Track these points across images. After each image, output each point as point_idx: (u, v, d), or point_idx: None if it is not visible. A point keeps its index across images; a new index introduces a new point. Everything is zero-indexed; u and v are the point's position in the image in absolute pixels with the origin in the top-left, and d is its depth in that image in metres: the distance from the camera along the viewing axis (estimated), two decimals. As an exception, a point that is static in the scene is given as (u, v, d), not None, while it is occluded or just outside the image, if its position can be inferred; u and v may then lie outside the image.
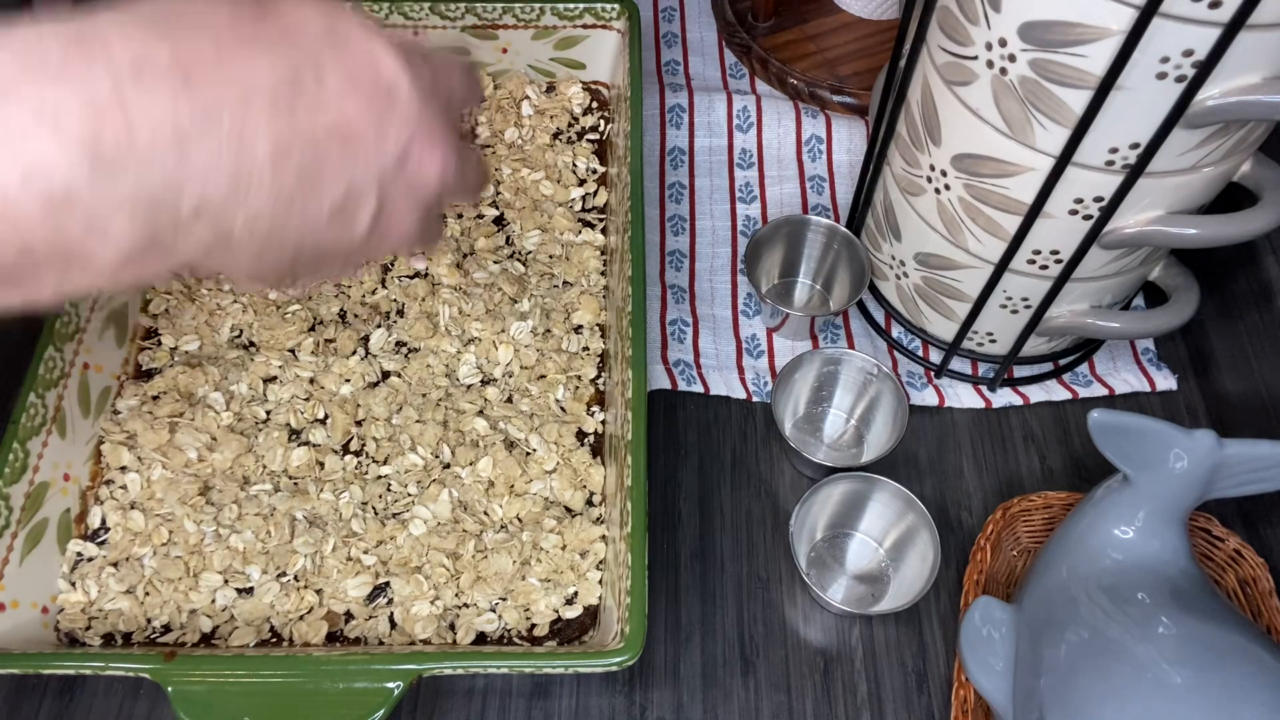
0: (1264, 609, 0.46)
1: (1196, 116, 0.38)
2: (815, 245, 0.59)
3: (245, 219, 0.30)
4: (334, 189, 0.32)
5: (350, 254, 0.35)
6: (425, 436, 0.50)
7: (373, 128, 0.32)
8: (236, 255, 0.32)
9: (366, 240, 0.35)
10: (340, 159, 0.32)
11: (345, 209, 0.33)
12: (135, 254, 0.29)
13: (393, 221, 0.35)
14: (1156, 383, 0.57)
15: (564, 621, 0.47)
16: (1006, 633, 0.43)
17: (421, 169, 0.34)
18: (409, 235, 0.36)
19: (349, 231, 0.34)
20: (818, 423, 0.57)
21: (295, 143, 0.30)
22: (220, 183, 0.29)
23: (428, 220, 0.37)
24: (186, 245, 0.30)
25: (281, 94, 0.30)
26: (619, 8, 0.61)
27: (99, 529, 0.48)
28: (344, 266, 0.37)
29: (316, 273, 0.36)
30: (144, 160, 0.28)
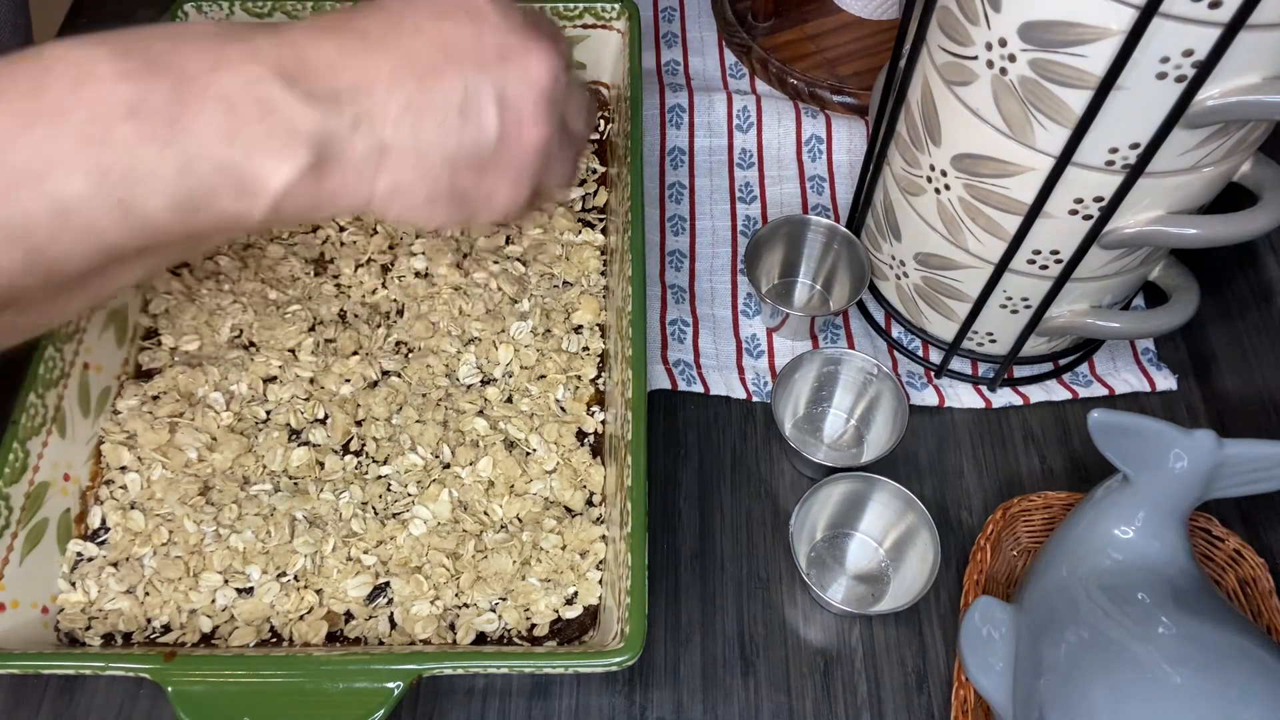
0: (1264, 609, 0.46)
1: (1196, 116, 0.38)
2: (815, 245, 0.59)
3: (392, 125, 0.36)
4: (453, 89, 0.37)
5: (501, 163, 0.39)
6: (425, 436, 0.50)
7: (469, 39, 0.38)
8: (399, 172, 0.37)
9: (505, 138, 0.39)
10: (449, 65, 0.37)
11: (468, 106, 0.37)
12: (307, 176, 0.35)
13: (522, 121, 0.39)
14: (1156, 383, 0.57)
15: (564, 621, 0.47)
16: (1006, 633, 0.43)
17: (527, 64, 0.38)
18: (543, 140, 0.39)
19: (482, 131, 0.38)
20: (818, 423, 0.57)
21: (410, 63, 0.36)
22: (363, 99, 0.35)
23: (562, 144, 0.42)
24: (354, 159, 0.36)
25: (390, 31, 0.37)
26: (619, 8, 0.61)
27: (99, 529, 0.48)
28: (511, 188, 0.40)
29: (489, 199, 0.40)
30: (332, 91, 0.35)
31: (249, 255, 0.57)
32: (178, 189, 0.33)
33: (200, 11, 0.60)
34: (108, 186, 0.32)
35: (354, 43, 0.36)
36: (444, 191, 0.39)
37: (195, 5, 0.60)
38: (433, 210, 0.39)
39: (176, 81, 0.32)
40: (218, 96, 0.33)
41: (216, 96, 0.33)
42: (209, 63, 0.33)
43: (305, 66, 0.35)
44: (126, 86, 0.32)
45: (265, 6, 0.60)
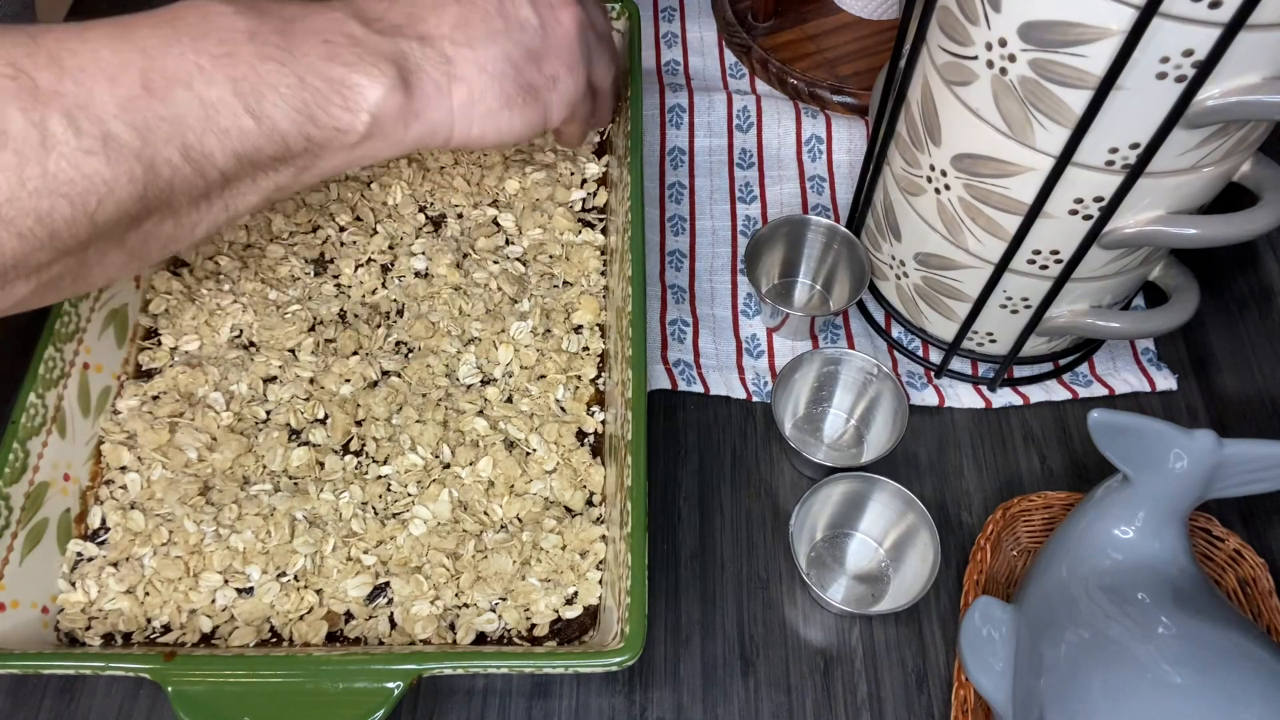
0: (1264, 609, 0.46)
1: (1196, 116, 0.38)
2: (815, 245, 0.59)
3: (449, 41, 0.42)
4: (488, 1, 0.43)
5: (552, 48, 0.45)
6: (425, 436, 0.50)
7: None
8: (469, 80, 0.43)
9: (547, 25, 0.45)
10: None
11: (504, 7, 0.44)
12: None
13: (554, 6, 0.45)
14: (1156, 383, 0.57)
15: (564, 621, 0.47)
16: (1006, 633, 0.43)
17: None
18: (577, 19, 0.46)
19: (525, 23, 0.44)
20: (818, 423, 0.57)
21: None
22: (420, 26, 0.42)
23: (596, 38, 0.48)
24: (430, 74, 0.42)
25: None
26: (619, 8, 0.61)
27: (99, 529, 0.48)
28: (569, 71, 0.46)
29: (555, 85, 0.46)
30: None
31: (249, 255, 0.57)
32: (295, 99, 0.39)
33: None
34: (241, 93, 0.38)
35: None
36: (513, 89, 0.44)
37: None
38: (510, 113, 0.45)
39: (280, 20, 0.39)
40: (314, 31, 0.40)
41: (313, 31, 0.40)
42: (300, 11, 0.40)
43: (368, 14, 0.42)
44: (243, 20, 0.38)
45: (265, 6, 0.60)
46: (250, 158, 0.39)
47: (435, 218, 0.59)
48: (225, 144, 0.38)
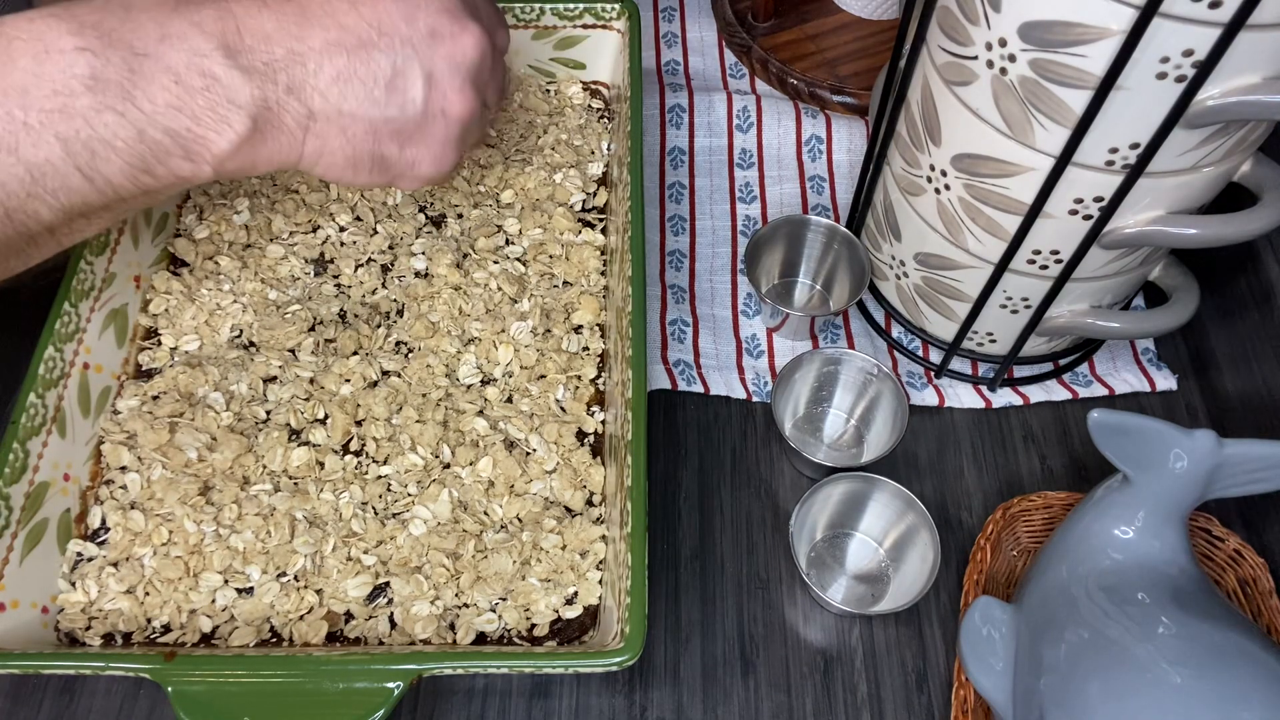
0: (1264, 609, 0.46)
1: (1196, 116, 0.38)
2: (815, 245, 0.59)
3: (321, 95, 0.40)
4: (382, 63, 0.41)
5: (425, 135, 0.43)
6: (425, 436, 0.50)
7: (403, 16, 0.41)
8: (325, 137, 0.41)
9: (430, 113, 0.42)
10: (380, 40, 0.41)
11: (396, 80, 0.41)
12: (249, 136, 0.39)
13: (447, 93, 0.42)
14: (1156, 383, 0.57)
15: (564, 621, 0.47)
16: (1006, 633, 0.43)
17: (457, 44, 0.42)
18: (469, 111, 0.43)
19: (408, 104, 0.42)
20: (818, 423, 0.57)
21: (343, 37, 0.40)
22: (296, 70, 0.39)
23: (481, 110, 0.45)
24: (287, 125, 0.40)
25: (327, 4, 0.40)
26: (619, 8, 0.61)
27: (99, 529, 0.48)
28: (434, 158, 0.44)
29: (412, 167, 0.44)
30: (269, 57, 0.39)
31: (249, 255, 0.57)
32: (134, 154, 0.36)
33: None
34: (72, 152, 0.35)
35: (291, 15, 0.40)
36: (365, 157, 0.42)
37: (195, 5, 0.60)
38: (354, 173, 0.43)
39: (130, 53, 0.36)
40: (167, 69, 0.36)
41: (166, 69, 0.36)
42: (157, 35, 0.37)
43: (243, 39, 0.38)
44: (84, 60, 0.35)
45: None
46: (80, 209, 0.37)
47: (435, 218, 0.59)
48: (52, 203, 0.36)
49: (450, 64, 0.42)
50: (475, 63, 0.43)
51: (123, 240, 0.53)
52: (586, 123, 0.63)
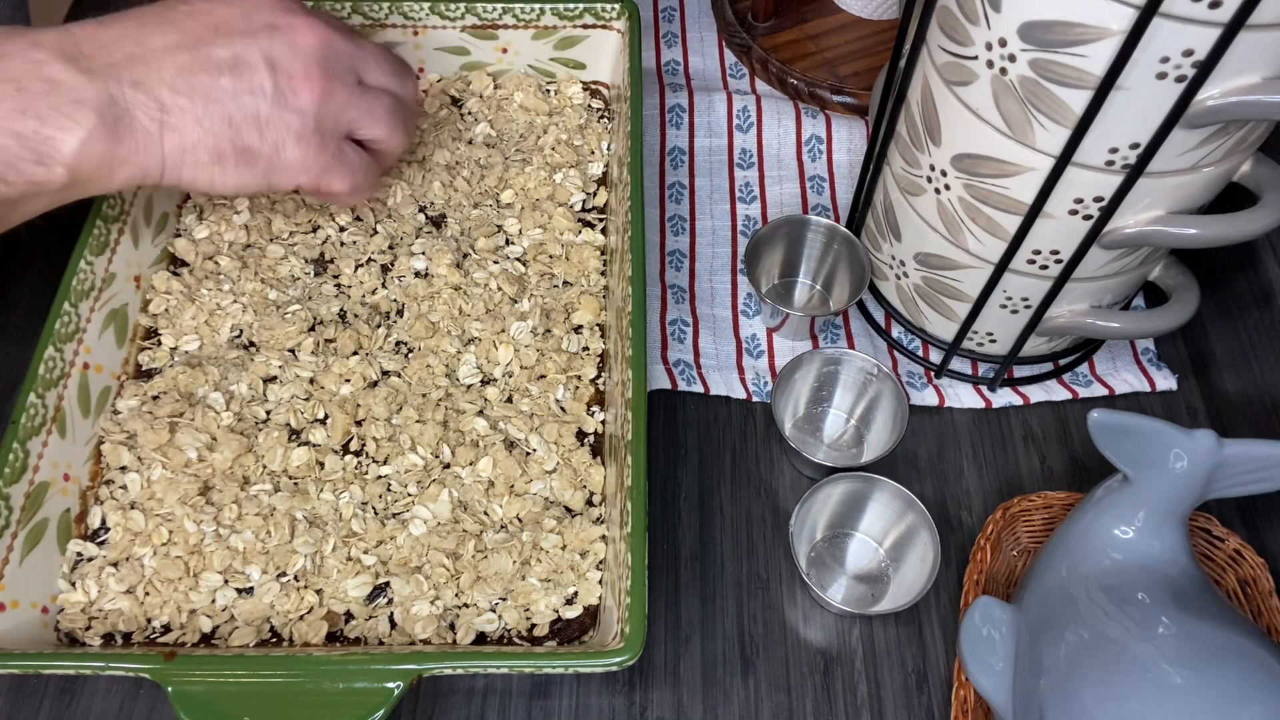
0: (1264, 609, 0.46)
1: (1196, 116, 0.38)
2: (815, 245, 0.59)
3: (169, 87, 0.41)
4: (223, 54, 0.42)
5: (282, 119, 0.44)
6: (425, 436, 0.50)
7: (238, 16, 0.43)
8: (182, 129, 0.42)
9: (281, 96, 0.43)
10: (218, 37, 0.43)
11: (239, 68, 0.42)
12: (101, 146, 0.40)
13: (295, 79, 0.44)
14: (1156, 383, 0.57)
15: (564, 621, 0.47)
16: (1006, 633, 0.43)
17: (294, 33, 0.44)
18: (319, 95, 0.44)
19: (255, 89, 0.43)
20: (818, 423, 0.57)
21: (182, 39, 0.42)
22: (139, 68, 0.41)
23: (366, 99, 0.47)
24: (139, 120, 0.41)
25: (163, 14, 0.43)
26: (619, 8, 0.61)
27: (99, 529, 0.48)
28: (298, 142, 0.44)
29: (277, 153, 0.44)
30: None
31: (249, 255, 0.57)
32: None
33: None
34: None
35: (129, 26, 0.41)
36: (228, 147, 0.43)
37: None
38: (222, 169, 0.44)
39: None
40: (8, 78, 0.38)
41: (7, 78, 0.38)
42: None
43: (82, 49, 0.40)
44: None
45: None
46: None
47: (435, 218, 0.59)
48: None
49: (290, 49, 0.43)
50: (318, 47, 0.44)
51: (123, 240, 0.53)
52: (586, 123, 0.63)
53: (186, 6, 0.43)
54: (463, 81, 0.64)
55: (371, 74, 0.48)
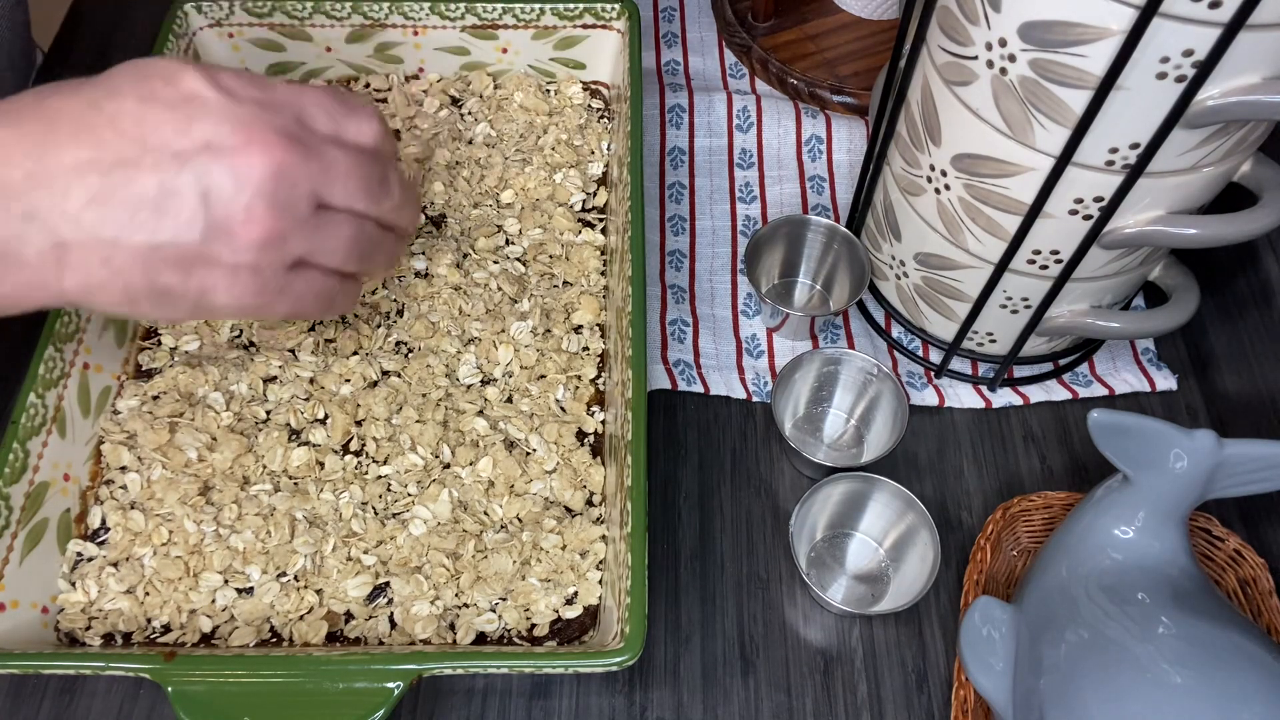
0: (1264, 609, 0.46)
1: (1196, 116, 0.38)
2: (815, 245, 0.59)
3: (72, 222, 0.35)
4: (145, 182, 0.35)
5: (212, 260, 0.37)
6: (425, 436, 0.50)
7: (173, 128, 0.36)
8: (87, 270, 0.35)
9: (214, 239, 0.36)
10: (145, 157, 0.35)
11: (164, 201, 0.35)
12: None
13: (234, 216, 0.36)
14: (1156, 383, 0.57)
15: (564, 621, 0.47)
16: (1006, 633, 0.43)
17: (240, 157, 0.36)
18: (262, 234, 0.37)
19: (181, 227, 0.36)
20: (818, 423, 0.57)
21: (99, 155, 0.35)
22: (38, 195, 0.34)
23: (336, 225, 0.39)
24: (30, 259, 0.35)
25: (83, 116, 0.35)
26: (619, 8, 0.61)
27: (99, 529, 0.48)
28: (232, 284, 0.38)
29: (206, 295, 0.38)
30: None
31: (249, 255, 0.57)
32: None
33: (200, 11, 0.60)
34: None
35: (37, 130, 0.34)
36: (141, 290, 0.37)
37: (195, 5, 0.60)
38: (135, 307, 0.37)
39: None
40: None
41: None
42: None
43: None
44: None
45: (265, 6, 0.60)
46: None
47: (435, 218, 0.59)
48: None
49: (233, 179, 0.36)
50: (266, 180, 0.36)
51: (123, 240, 0.53)
52: (586, 123, 0.63)
53: (113, 106, 0.35)
54: (463, 81, 0.64)
55: (337, 194, 0.39)
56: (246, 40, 0.62)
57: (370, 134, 0.41)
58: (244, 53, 0.63)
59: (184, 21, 0.60)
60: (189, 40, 0.61)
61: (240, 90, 0.37)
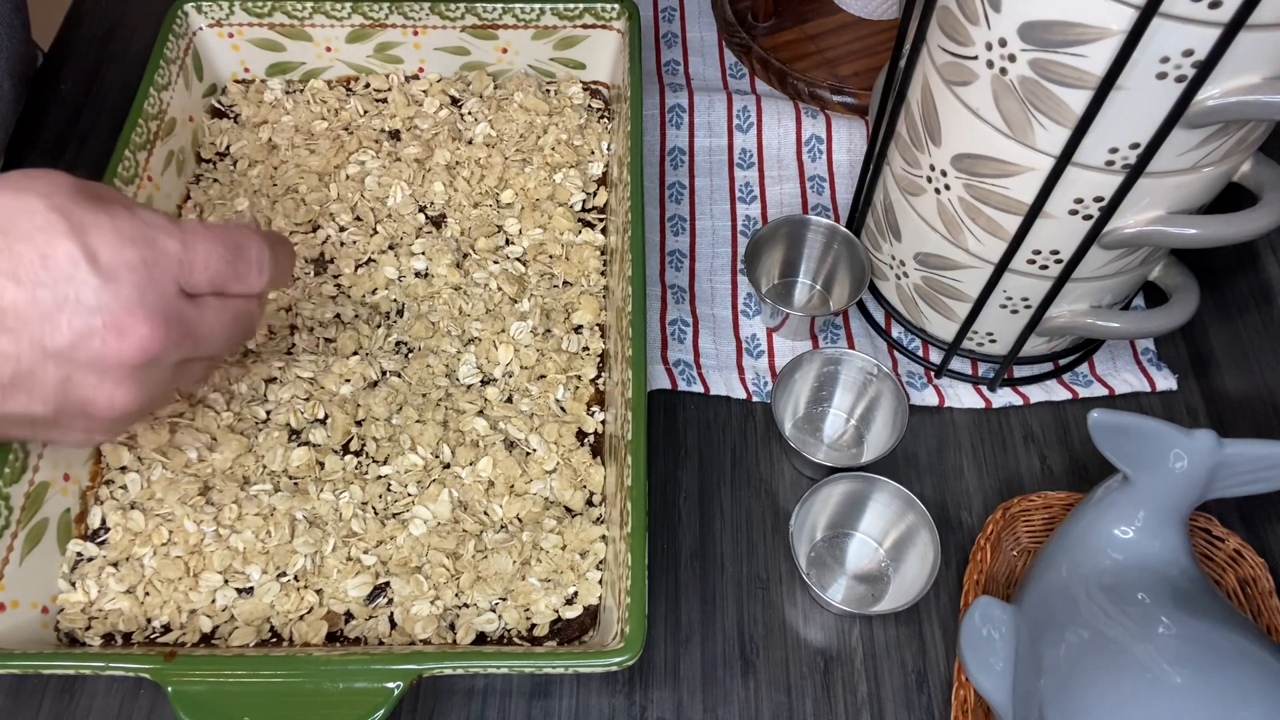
0: (1264, 609, 0.46)
1: (1196, 116, 0.38)
2: (815, 245, 0.59)
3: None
4: (1, 369, 0.34)
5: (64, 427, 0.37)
6: (425, 436, 0.50)
7: (39, 310, 0.34)
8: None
9: (68, 412, 0.36)
10: (2, 340, 0.33)
11: (20, 381, 0.34)
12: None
13: (95, 393, 0.36)
14: (1156, 383, 0.57)
15: (564, 621, 0.47)
16: (1006, 633, 0.43)
17: (110, 342, 0.35)
18: (123, 410, 0.36)
19: (34, 402, 0.35)
20: (818, 423, 0.57)
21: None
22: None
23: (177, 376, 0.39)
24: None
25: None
26: (619, 8, 0.61)
27: (99, 529, 0.48)
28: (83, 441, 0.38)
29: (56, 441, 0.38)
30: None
31: (249, 255, 0.56)
32: None
33: (200, 11, 0.60)
34: None
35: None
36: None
37: (195, 5, 0.60)
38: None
39: None
40: None
41: None
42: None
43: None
44: None
45: (265, 6, 0.60)
46: None
47: (435, 218, 0.59)
48: None
49: (98, 370, 0.35)
50: (137, 359, 0.35)
51: (123, 240, 0.53)
52: (586, 123, 0.63)
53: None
54: (463, 81, 0.64)
55: (201, 351, 0.39)
56: (246, 40, 0.62)
57: (255, 289, 0.41)
58: (244, 53, 0.63)
59: (184, 21, 0.60)
60: (189, 40, 0.61)
61: (118, 263, 0.35)
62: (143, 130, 0.55)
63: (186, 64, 0.60)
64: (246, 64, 0.63)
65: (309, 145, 0.61)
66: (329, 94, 0.63)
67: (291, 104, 0.63)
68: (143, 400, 0.37)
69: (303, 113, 0.62)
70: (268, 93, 0.63)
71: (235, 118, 0.63)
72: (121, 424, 0.38)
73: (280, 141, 0.61)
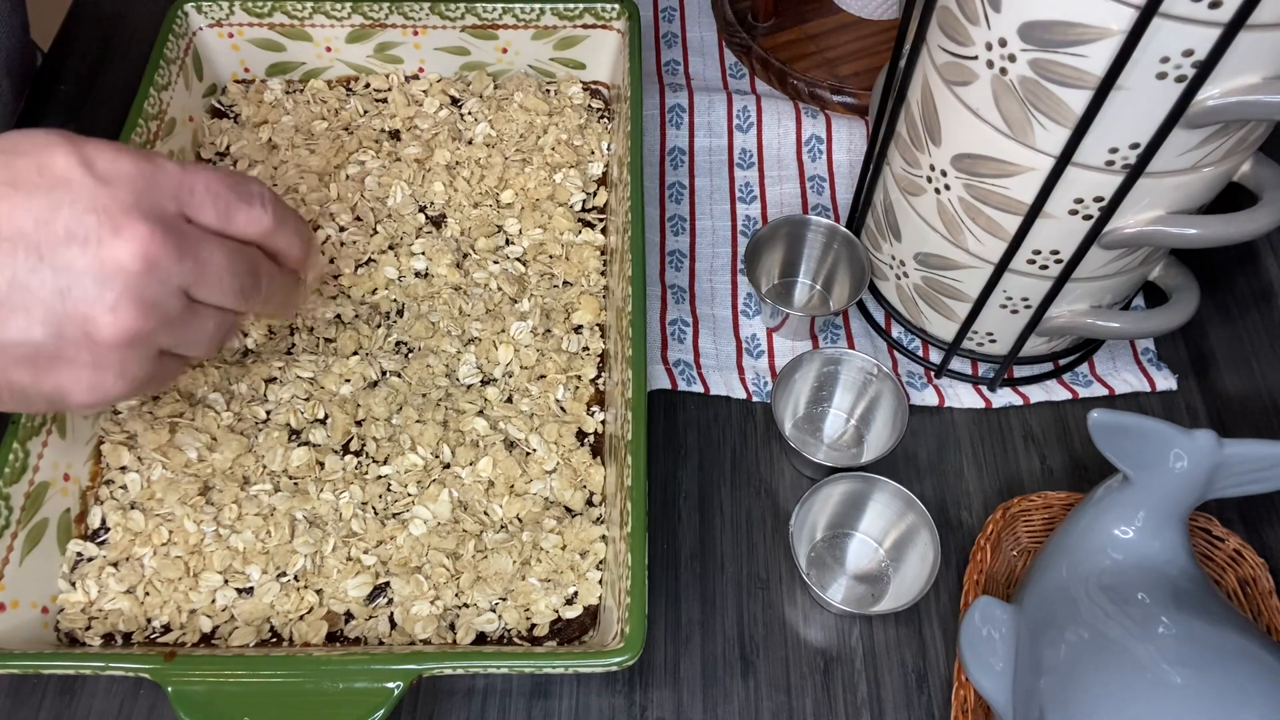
0: (1264, 609, 0.46)
1: (1196, 116, 0.38)
2: (815, 245, 0.59)
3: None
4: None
5: (67, 359, 0.35)
6: (425, 436, 0.50)
7: (33, 217, 0.33)
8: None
9: (67, 335, 0.34)
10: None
11: (14, 298, 0.33)
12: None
13: (93, 313, 0.34)
14: (1156, 383, 0.57)
15: (564, 621, 0.47)
16: (1006, 633, 0.43)
17: (106, 249, 0.34)
18: (125, 332, 0.35)
19: (31, 325, 0.34)
20: (818, 423, 0.57)
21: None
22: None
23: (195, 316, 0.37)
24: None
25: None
26: (619, 8, 0.61)
27: (99, 529, 0.48)
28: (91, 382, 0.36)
29: (62, 394, 0.36)
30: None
31: (249, 255, 0.57)
32: None
33: (200, 11, 0.60)
34: None
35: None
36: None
37: (195, 5, 0.60)
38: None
39: None
40: None
41: None
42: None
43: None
44: None
45: (265, 6, 0.60)
46: None
47: (435, 218, 0.59)
48: None
49: (96, 276, 0.34)
50: (137, 269, 0.34)
51: (123, 240, 0.53)
52: (586, 123, 0.63)
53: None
54: (463, 81, 0.64)
55: (210, 293, 0.38)
56: (246, 40, 0.62)
57: (260, 225, 0.39)
58: (244, 53, 0.63)
59: (184, 21, 0.60)
60: (189, 40, 0.61)
61: (116, 170, 0.34)
62: (143, 130, 0.55)
63: (186, 64, 0.60)
64: (246, 64, 0.63)
65: (309, 145, 0.61)
66: (329, 94, 0.63)
67: (291, 104, 0.63)
68: (147, 323, 0.35)
69: (303, 113, 0.62)
70: (268, 93, 0.63)
71: (235, 118, 0.63)
72: (127, 360, 0.36)
73: (280, 141, 0.61)
